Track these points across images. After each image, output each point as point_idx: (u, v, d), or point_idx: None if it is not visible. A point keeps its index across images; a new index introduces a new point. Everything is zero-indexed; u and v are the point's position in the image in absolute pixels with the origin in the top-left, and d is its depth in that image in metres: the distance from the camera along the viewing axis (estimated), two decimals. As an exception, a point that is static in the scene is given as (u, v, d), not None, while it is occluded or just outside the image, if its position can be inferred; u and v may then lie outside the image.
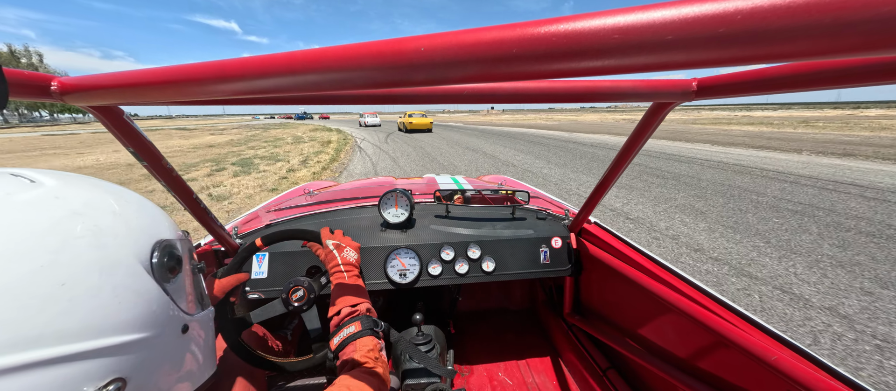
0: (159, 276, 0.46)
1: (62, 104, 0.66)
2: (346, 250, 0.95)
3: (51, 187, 0.41)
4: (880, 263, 3.28)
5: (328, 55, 0.35)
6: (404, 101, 0.66)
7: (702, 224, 4.38)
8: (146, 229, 0.47)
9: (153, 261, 0.46)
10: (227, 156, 11.91)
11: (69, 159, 11.97)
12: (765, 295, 2.79)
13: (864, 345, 2.24)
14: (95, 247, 0.39)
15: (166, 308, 0.47)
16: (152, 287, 0.45)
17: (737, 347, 0.79)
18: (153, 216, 0.51)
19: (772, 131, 17.84)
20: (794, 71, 0.47)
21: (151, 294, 0.44)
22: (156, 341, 0.44)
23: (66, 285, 0.35)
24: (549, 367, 1.58)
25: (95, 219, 0.41)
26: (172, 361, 0.48)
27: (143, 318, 0.43)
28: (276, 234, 1.01)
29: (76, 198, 0.42)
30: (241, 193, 6.25)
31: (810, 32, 0.22)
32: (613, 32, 0.26)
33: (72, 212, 0.40)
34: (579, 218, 1.36)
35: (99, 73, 0.51)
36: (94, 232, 0.40)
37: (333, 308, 0.81)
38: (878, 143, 11.86)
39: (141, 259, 0.44)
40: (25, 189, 0.39)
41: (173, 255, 0.49)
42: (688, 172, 7.63)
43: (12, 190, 0.38)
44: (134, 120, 0.71)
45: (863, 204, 5.08)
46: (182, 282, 0.52)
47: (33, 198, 0.38)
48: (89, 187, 0.46)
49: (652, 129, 0.83)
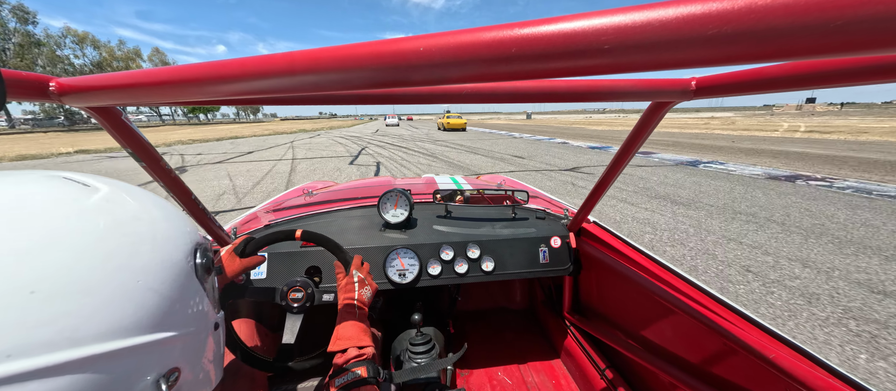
0: (201, 276, 0.50)
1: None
2: (366, 288, 0.94)
3: (106, 193, 0.43)
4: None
5: (328, 55, 0.35)
6: (404, 100, 0.66)
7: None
8: (188, 233, 0.50)
9: (196, 262, 0.49)
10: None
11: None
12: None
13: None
14: (157, 249, 0.43)
15: (205, 306, 0.50)
16: (196, 287, 0.48)
17: (737, 346, 0.79)
18: (188, 220, 0.54)
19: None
20: (793, 70, 0.47)
21: (196, 293, 0.48)
22: (199, 335, 0.49)
23: (140, 282, 0.39)
24: (548, 367, 1.59)
25: (152, 223, 0.44)
26: (210, 355, 0.52)
27: (193, 315, 0.47)
28: (315, 237, 0.99)
29: (130, 203, 0.44)
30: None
31: (808, 31, 0.22)
32: (611, 32, 0.26)
33: (133, 216, 0.43)
34: (578, 217, 1.36)
35: (96, 74, 0.51)
36: (153, 235, 0.43)
37: (339, 342, 0.80)
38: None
39: (188, 260, 0.47)
40: (86, 194, 0.41)
41: (208, 256, 0.53)
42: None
43: (76, 196, 0.40)
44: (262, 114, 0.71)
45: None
46: (213, 283, 0.56)
47: (99, 201, 0.41)
48: (135, 193, 0.48)
49: (651, 128, 0.83)
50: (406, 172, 8.82)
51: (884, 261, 3.37)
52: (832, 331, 2.37)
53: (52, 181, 0.41)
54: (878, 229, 4.25)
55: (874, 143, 13.46)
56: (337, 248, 1.01)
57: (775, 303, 2.71)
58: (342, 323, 0.84)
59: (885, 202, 5.46)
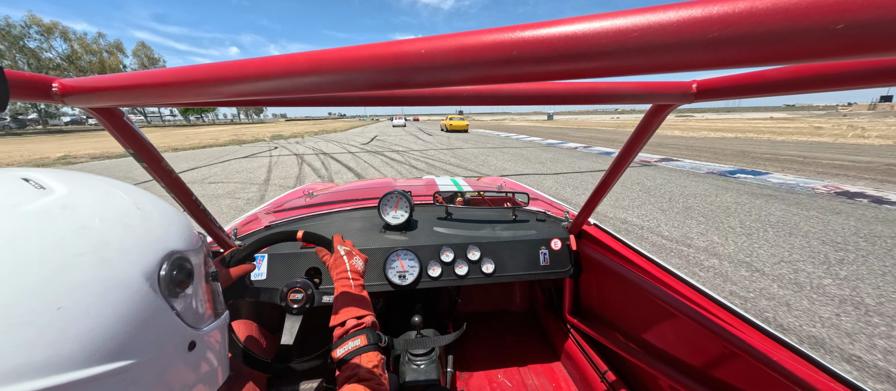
0: (167, 292, 0.43)
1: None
2: (356, 258, 0.94)
3: (59, 196, 0.38)
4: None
5: (329, 57, 0.35)
6: (406, 102, 0.66)
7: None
8: (157, 240, 0.43)
9: (161, 275, 0.42)
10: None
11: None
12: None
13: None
14: (98, 264, 0.36)
15: (172, 327, 0.43)
16: (158, 305, 0.41)
17: (738, 350, 0.79)
18: (166, 223, 0.47)
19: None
20: (795, 73, 0.47)
21: (156, 313, 0.41)
22: (159, 362, 0.42)
23: (62, 309, 0.32)
24: (548, 370, 1.58)
25: (101, 233, 0.38)
26: (177, 380, 0.45)
27: (145, 341, 0.40)
28: (277, 235, 0.98)
29: (84, 209, 0.39)
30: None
31: (809, 35, 0.22)
32: (612, 35, 0.26)
33: (78, 225, 0.37)
34: (579, 220, 1.36)
35: (99, 75, 0.51)
36: (98, 248, 0.37)
37: (337, 317, 0.80)
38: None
39: (147, 274, 0.40)
40: (33, 198, 0.36)
41: (184, 269, 0.46)
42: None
43: (19, 200, 0.35)
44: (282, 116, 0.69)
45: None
46: (192, 296, 0.48)
47: (38, 208, 0.36)
48: (101, 194, 0.42)
49: (652, 130, 0.84)
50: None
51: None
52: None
53: (2, 181, 0.37)
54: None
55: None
56: (314, 236, 1.00)
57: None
58: (339, 297, 0.85)
59: None
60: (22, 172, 0.40)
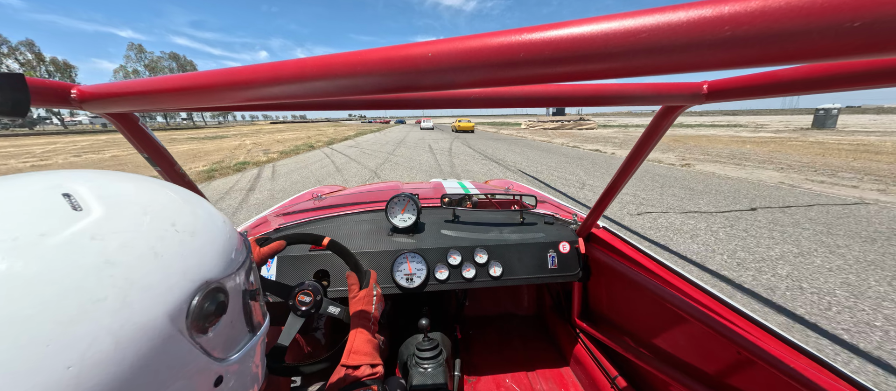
0: (195, 328, 0.38)
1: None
2: (381, 304, 0.96)
3: (93, 221, 0.34)
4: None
5: (338, 61, 0.35)
6: (413, 105, 0.67)
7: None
8: (190, 270, 0.38)
9: (191, 308, 0.37)
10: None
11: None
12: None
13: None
14: (118, 311, 0.32)
15: (195, 367, 0.39)
16: (181, 347, 0.37)
17: (753, 356, 0.77)
18: (207, 243, 0.42)
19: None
20: (809, 73, 0.46)
21: (178, 356, 0.37)
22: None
23: (72, 368, 0.29)
24: (556, 375, 1.56)
25: (128, 270, 0.34)
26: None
27: (167, 385, 0.36)
28: (338, 247, 1.02)
29: (115, 238, 0.34)
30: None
31: (825, 33, 0.22)
32: (621, 36, 0.26)
33: (104, 261, 0.33)
34: (588, 222, 1.34)
35: (116, 82, 0.53)
36: (122, 289, 0.33)
37: (353, 357, 0.81)
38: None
39: (173, 313, 0.36)
40: (64, 224, 0.33)
41: (217, 301, 0.41)
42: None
43: (49, 227, 0.32)
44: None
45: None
46: (223, 327, 0.42)
47: (67, 239, 0.32)
48: (139, 212, 0.38)
49: (661, 132, 0.83)
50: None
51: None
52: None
53: (35, 200, 0.34)
54: None
55: None
56: (353, 262, 1.03)
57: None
58: (358, 337, 0.85)
59: None
60: (65, 183, 0.36)
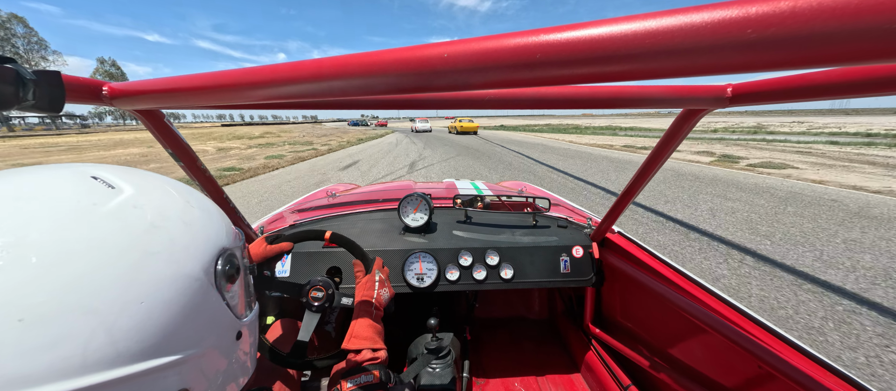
0: (220, 286, 0.46)
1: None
2: (385, 290, 0.96)
3: (129, 196, 0.40)
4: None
5: (354, 62, 0.36)
6: (428, 105, 0.67)
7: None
8: (211, 238, 0.46)
9: (217, 269, 0.45)
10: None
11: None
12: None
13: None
14: (170, 261, 0.39)
15: (225, 317, 0.47)
16: (215, 298, 0.44)
17: (773, 370, 0.74)
18: (217, 221, 0.49)
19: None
20: (842, 76, 0.44)
21: (214, 306, 0.44)
22: (215, 350, 0.45)
23: (144, 303, 0.35)
24: (567, 381, 1.54)
25: (169, 232, 0.40)
26: (227, 367, 0.48)
27: (207, 331, 0.43)
28: (340, 238, 1.04)
29: (152, 209, 0.41)
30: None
31: (862, 35, 0.20)
32: (641, 37, 0.25)
33: (149, 225, 0.39)
34: (602, 227, 1.32)
35: (143, 79, 0.55)
36: (169, 247, 0.39)
37: (353, 342, 0.81)
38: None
39: (206, 270, 0.43)
40: (108, 197, 0.38)
41: (234, 264, 0.49)
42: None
43: (97, 199, 0.37)
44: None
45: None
46: (238, 289, 0.51)
47: (115, 208, 0.38)
48: (162, 193, 0.45)
49: (682, 136, 0.80)
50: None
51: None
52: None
53: (75, 181, 0.39)
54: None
55: None
56: (360, 251, 1.04)
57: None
58: (358, 321, 0.85)
59: None
60: (89, 169, 0.42)
